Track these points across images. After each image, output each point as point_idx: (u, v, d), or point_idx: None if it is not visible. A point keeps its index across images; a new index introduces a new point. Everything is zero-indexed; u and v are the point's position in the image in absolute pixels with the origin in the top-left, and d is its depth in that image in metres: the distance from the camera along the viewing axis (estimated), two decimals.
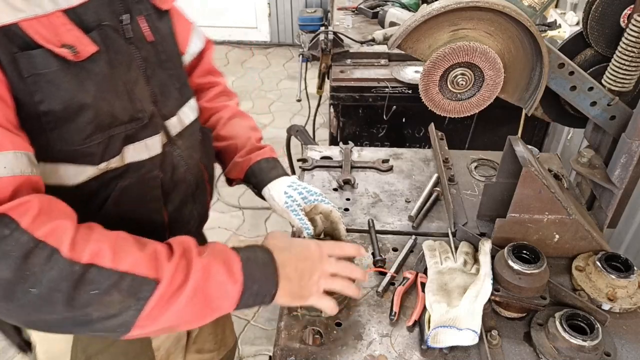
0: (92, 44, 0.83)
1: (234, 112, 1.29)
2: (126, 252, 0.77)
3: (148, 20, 0.97)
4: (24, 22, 0.76)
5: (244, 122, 1.29)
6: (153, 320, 0.78)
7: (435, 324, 0.99)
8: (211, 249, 0.87)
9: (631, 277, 1.08)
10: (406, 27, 0.95)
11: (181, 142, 1.07)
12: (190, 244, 0.85)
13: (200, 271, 0.81)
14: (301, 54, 2.41)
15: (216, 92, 1.30)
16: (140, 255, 0.78)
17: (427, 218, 1.37)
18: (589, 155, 1.20)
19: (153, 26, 0.98)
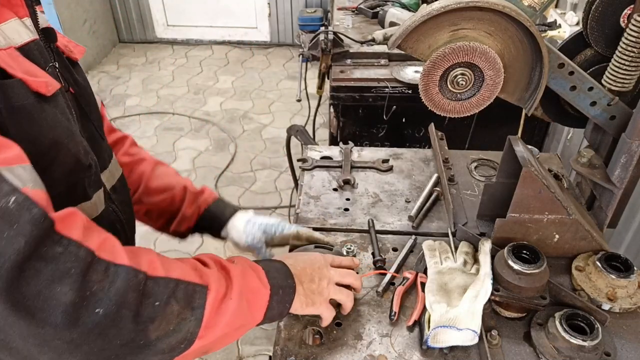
0: (55, 82, 0.79)
1: (154, 162, 1.27)
2: (170, 262, 0.76)
3: (64, 71, 0.90)
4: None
5: (169, 170, 1.27)
6: (211, 329, 0.76)
7: (435, 324, 0.99)
8: (237, 260, 0.90)
9: (631, 277, 1.08)
10: (406, 27, 0.95)
11: (115, 196, 1.01)
12: (218, 257, 0.88)
13: (240, 276, 0.84)
14: (301, 54, 2.42)
15: (128, 144, 1.25)
16: (183, 265, 0.77)
17: (427, 218, 1.37)
18: (589, 155, 1.20)
19: (71, 78, 0.93)
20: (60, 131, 0.79)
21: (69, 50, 0.96)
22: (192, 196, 1.23)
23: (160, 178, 1.23)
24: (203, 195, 1.24)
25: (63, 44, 0.96)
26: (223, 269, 0.85)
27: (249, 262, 0.92)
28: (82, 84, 0.98)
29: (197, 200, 1.23)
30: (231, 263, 0.87)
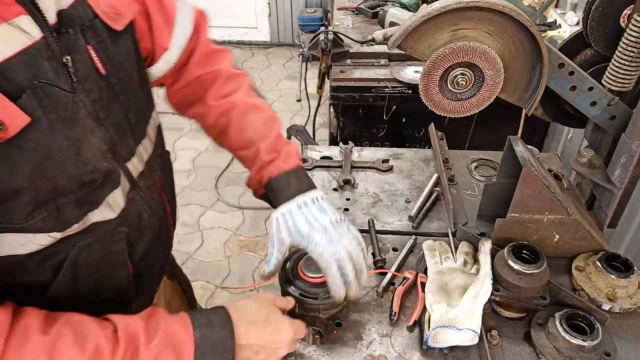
0: (23, 115, 0.68)
1: (244, 107, 1.11)
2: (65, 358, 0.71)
3: (98, 49, 0.82)
4: None
5: (255, 118, 1.10)
6: None
7: (435, 324, 0.99)
8: (163, 332, 0.79)
9: (631, 277, 1.08)
10: (406, 27, 0.95)
11: (143, 183, 0.96)
12: (138, 330, 0.78)
13: None
14: (301, 54, 2.41)
15: (221, 81, 1.11)
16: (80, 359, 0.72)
17: (427, 218, 1.37)
18: (589, 155, 1.20)
19: (105, 55, 0.84)
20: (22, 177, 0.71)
21: (112, 18, 0.86)
22: (261, 163, 1.07)
23: (244, 130, 1.09)
24: (270, 167, 1.06)
25: (104, 11, 0.85)
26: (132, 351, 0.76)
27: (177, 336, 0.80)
28: (119, 59, 0.87)
29: (264, 169, 1.07)
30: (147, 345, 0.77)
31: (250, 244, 3.09)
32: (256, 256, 2.99)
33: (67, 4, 0.78)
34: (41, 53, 0.72)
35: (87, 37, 0.81)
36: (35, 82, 0.71)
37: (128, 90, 0.90)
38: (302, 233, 0.99)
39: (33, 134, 0.71)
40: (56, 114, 0.74)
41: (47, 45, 0.73)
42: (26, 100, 0.69)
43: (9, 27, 0.68)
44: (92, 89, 0.81)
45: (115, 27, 0.86)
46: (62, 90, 0.75)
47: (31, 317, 0.73)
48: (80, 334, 0.74)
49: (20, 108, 0.68)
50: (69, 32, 0.77)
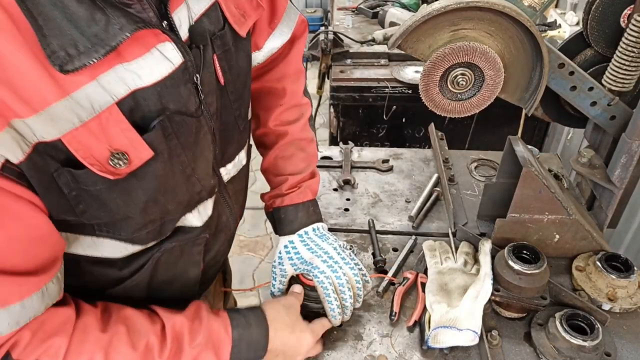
0: (148, 149, 0.69)
1: (294, 139, 1.11)
2: (119, 355, 0.75)
3: (222, 58, 0.81)
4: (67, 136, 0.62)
5: (298, 155, 1.12)
6: None
7: (435, 324, 0.99)
8: (205, 331, 0.84)
9: (631, 277, 1.08)
10: (406, 27, 0.95)
11: (231, 187, 0.98)
12: (183, 329, 0.82)
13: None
14: None
15: (286, 107, 1.11)
16: (133, 355, 0.76)
17: (427, 218, 1.37)
18: (589, 155, 1.20)
19: (227, 64, 0.83)
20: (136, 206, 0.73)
21: (238, 21, 0.83)
22: (278, 192, 1.11)
23: (282, 160, 1.12)
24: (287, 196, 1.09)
25: (233, 14, 0.82)
26: (177, 347, 0.81)
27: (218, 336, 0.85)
28: (238, 67, 0.86)
29: (277, 197, 1.11)
30: (190, 344, 0.82)
31: (250, 244, 3.09)
32: (256, 256, 2.99)
33: (199, 13, 0.75)
34: (178, 80, 0.71)
35: (214, 47, 0.79)
36: (166, 112, 0.70)
37: (241, 97, 0.90)
38: (304, 260, 1.04)
39: (153, 166, 0.71)
40: (178, 140, 0.74)
41: (185, 70, 0.72)
42: (153, 134, 0.69)
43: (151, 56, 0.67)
44: (212, 102, 0.80)
45: (240, 33, 0.84)
46: (188, 117, 0.74)
47: (90, 315, 0.77)
48: (133, 331, 0.78)
49: (147, 142, 0.69)
50: (199, 48, 0.75)
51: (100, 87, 0.63)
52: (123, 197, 0.71)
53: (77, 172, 0.65)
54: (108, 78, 0.63)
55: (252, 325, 0.90)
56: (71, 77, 0.60)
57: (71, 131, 0.62)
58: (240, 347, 0.87)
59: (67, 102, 0.61)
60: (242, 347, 0.87)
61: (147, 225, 0.79)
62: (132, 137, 0.67)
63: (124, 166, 0.67)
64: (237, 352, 0.86)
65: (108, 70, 0.63)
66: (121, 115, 0.65)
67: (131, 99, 0.66)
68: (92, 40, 0.60)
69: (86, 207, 0.70)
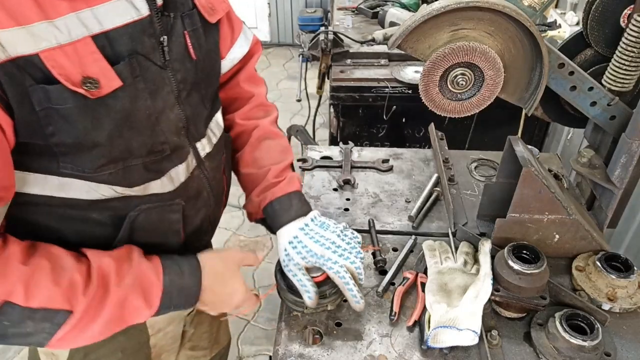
0: (117, 79, 0.77)
1: (265, 132, 1.17)
2: (41, 288, 0.77)
3: (192, 36, 0.91)
4: (45, 52, 0.70)
5: (272, 144, 1.17)
6: (65, 343, 0.82)
7: (435, 324, 0.99)
8: (134, 273, 0.86)
9: (631, 277, 1.08)
10: (406, 27, 0.95)
11: (208, 163, 1.04)
12: (110, 269, 0.84)
13: (116, 303, 0.83)
14: (301, 54, 2.41)
15: (252, 105, 1.20)
16: (55, 290, 0.78)
17: (427, 218, 1.37)
18: (589, 155, 1.20)
19: (197, 42, 0.92)
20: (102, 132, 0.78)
21: (207, 11, 0.95)
22: (266, 185, 1.11)
23: (258, 151, 1.16)
24: (276, 188, 1.10)
25: (202, 4, 0.93)
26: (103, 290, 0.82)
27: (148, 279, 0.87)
28: (207, 49, 0.96)
29: (268, 190, 1.10)
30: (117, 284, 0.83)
31: (250, 244, 3.08)
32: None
33: None
34: (144, 29, 0.81)
35: (185, 24, 0.89)
36: (134, 53, 0.79)
37: (208, 79, 0.99)
38: (316, 254, 1.02)
39: (121, 98, 0.79)
40: (144, 84, 0.82)
41: (151, 23, 0.82)
42: (122, 67, 0.78)
43: (123, 1, 0.78)
44: (180, 69, 0.89)
45: (209, 19, 0.96)
46: (154, 65, 0.83)
47: (14, 247, 0.79)
48: (57, 267, 0.80)
49: (116, 72, 0.77)
50: (170, 16, 0.86)
51: (78, 19, 0.72)
52: (91, 121, 0.77)
53: (50, 87, 0.72)
54: (85, 14, 0.73)
55: (185, 273, 0.92)
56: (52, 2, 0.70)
57: (48, 49, 0.70)
58: (171, 294, 0.88)
59: (47, 24, 0.69)
60: (173, 293, 0.89)
61: (110, 165, 0.83)
62: (103, 66, 0.75)
63: (94, 89, 0.75)
64: (168, 298, 0.88)
65: (85, 8, 0.73)
66: (94, 47, 0.74)
67: (104, 37, 0.75)
68: None
69: (55, 130, 0.75)
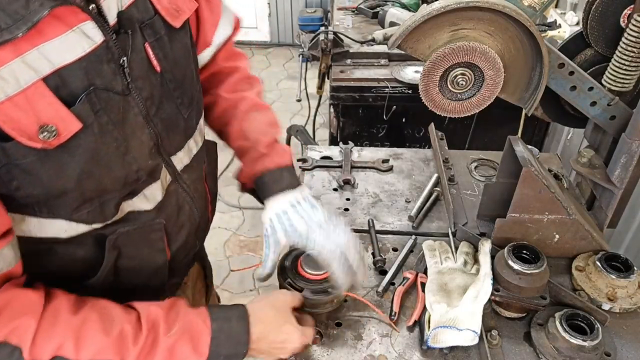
0: (76, 121, 0.71)
1: (252, 104, 1.13)
2: (91, 340, 0.76)
3: (155, 46, 0.84)
4: None
5: (260, 117, 1.13)
6: None
7: (435, 324, 0.99)
8: (182, 321, 0.83)
9: (631, 277, 1.08)
10: (406, 27, 0.95)
11: (187, 176, 0.98)
12: (158, 318, 0.82)
13: (165, 352, 0.80)
14: (301, 54, 2.42)
15: (237, 78, 1.16)
16: (105, 341, 0.76)
17: (427, 218, 1.37)
18: (589, 155, 1.20)
19: (162, 52, 0.85)
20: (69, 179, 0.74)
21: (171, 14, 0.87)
22: (257, 154, 1.08)
23: (246, 123, 1.11)
24: (266, 159, 1.07)
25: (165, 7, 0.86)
26: (153, 338, 0.80)
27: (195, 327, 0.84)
28: (175, 56, 0.88)
29: (257, 162, 1.08)
30: (166, 333, 0.81)
31: (250, 244, 3.09)
32: (256, 256, 2.99)
33: (127, 3, 0.79)
34: (101, 57, 0.74)
35: (145, 35, 0.82)
36: (91, 87, 0.72)
37: (182, 86, 0.92)
38: (299, 232, 1.00)
39: (84, 139, 0.73)
40: (107, 117, 0.76)
41: (108, 49, 0.75)
42: (80, 106, 0.71)
43: (72, 33, 0.70)
44: (144, 87, 0.82)
45: (173, 24, 0.88)
46: (115, 94, 0.77)
47: (61, 299, 0.77)
48: (107, 318, 0.78)
49: (75, 114, 0.71)
50: (128, 33, 0.79)
51: (25, 64, 0.65)
52: (55, 170, 0.72)
53: (5, 144, 0.67)
54: (32, 56, 0.66)
55: (232, 319, 0.88)
56: None
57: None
58: (219, 340, 0.84)
59: None
60: (222, 339, 0.84)
61: (85, 205, 0.79)
62: (59, 110, 0.69)
63: (53, 138, 0.69)
64: (216, 344, 0.84)
65: (31, 49, 0.66)
66: (47, 90, 0.68)
67: (57, 76, 0.69)
68: (13, 17, 0.62)
69: (19, 184, 0.71)
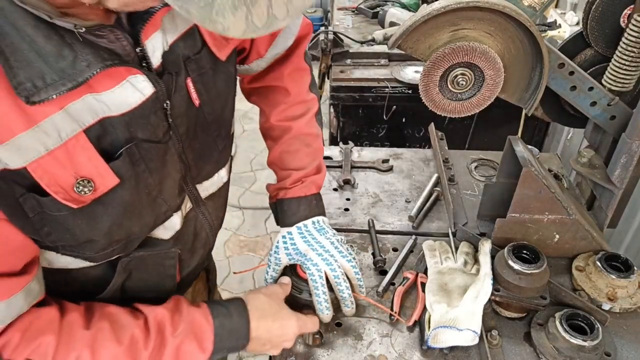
0: (114, 177, 0.70)
1: (299, 134, 1.11)
2: (105, 350, 0.78)
3: (197, 81, 0.81)
4: (33, 164, 0.63)
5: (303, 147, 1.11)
6: None
7: (435, 324, 0.99)
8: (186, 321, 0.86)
9: (631, 277, 1.08)
10: (406, 27, 0.95)
11: (211, 203, 0.99)
12: (164, 320, 0.84)
13: (173, 352, 0.83)
14: None
15: (289, 104, 1.11)
16: (118, 350, 0.79)
17: (427, 218, 1.37)
18: (589, 155, 1.20)
19: (204, 87, 0.82)
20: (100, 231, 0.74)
21: (219, 45, 0.83)
22: (283, 185, 1.10)
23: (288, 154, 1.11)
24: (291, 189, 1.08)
25: (214, 38, 0.82)
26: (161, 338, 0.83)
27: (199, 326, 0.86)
28: (216, 90, 0.86)
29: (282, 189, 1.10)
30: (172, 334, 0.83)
31: (251, 244, 3.08)
32: (256, 256, 2.99)
33: (174, 37, 0.76)
34: (148, 109, 0.73)
35: (189, 70, 0.79)
36: (133, 141, 0.71)
37: (220, 118, 0.90)
38: (300, 251, 1.04)
39: (119, 193, 0.73)
40: (145, 165, 0.75)
41: (156, 99, 0.73)
42: (120, 162, 0.71)
43: (121, 88, 0.68)
44: (182, 123, 0.80)
45: (220, 56, 0.84)
46: (156, 144, 0.76)
47: (74, 313, 0.80)
48: (117, 326, 0.81)
49: (113, 170, 0.70)
50: (172, 74, 0.76)
51: (68, 115, 0.64)
52: (88, 223, 0.72)
53: (41, 199, 0.66)
54: (76, 107, 0.64)
55: (233, 314, 0.91)
56: (38, 107, 0.61)
57: (37, 160, 0.63)
58: (222, 336, 0.88)
59: (33, 131, 0.62)
60: (224, 335, 0.88)
61: (112, 245, 0.79)
62: (98, 165, 0.68)
63: (89, 193, 0.69)
64: (220, 340, 0.87)
65: (77, 100, 0.64)
66: (88, 143, 0.67)
67: (99, 127, 0.67)
68: (59, 74, 0.61)
69: (51, 230, 0.71)
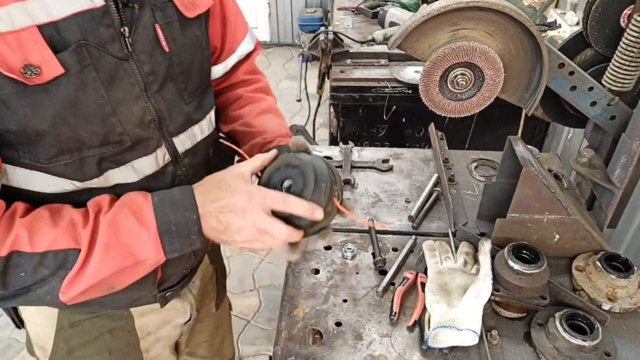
0: (59, 66, 0.76)
1: (270, 106, 1.21)
2: (42, 232, 0.80)
3: (165, 29, 0.90)
4: None
5: (277, 119, 1.18)
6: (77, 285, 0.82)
7: (435, 324, 0.99)
8: (121, 200, 0.86)
9: (631, 277, 1.08)
10: (406, 27, 0.95)
11: (187, 160, 1.02)
12: (102, 201, 0.86)
13: (107, 226, 0.82)
14: (301, 54, 2.42)
15: (257, 86, 1.24)
16: (55, 231, 0.81)
17: (427, 218, 1.37)
18: (589, 155, 1.20)
19: (171, 36, 0.91)
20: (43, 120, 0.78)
21: (186, 6, 0.93)
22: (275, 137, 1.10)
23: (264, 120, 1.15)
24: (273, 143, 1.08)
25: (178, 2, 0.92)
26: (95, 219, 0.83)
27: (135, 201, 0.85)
28: (184, 43, 0.94)
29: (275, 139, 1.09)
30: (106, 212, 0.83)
31: None
32: (256, 256, 2.99)
33: None
34: (98, 19, 0.79)
35: (156, 16, 0.88)
36: (83, 42, 0.78)
37: (188, 72, 0.97)
38: None
39: (64, 85, 0.78)
40: (96, 73, 0.81)
41: (107, 14, 0.80)
42: (66, 54, 0.77)
43: None
44: (147, 61, 0.87)
45: (186, 14, 0.94)
46: (109, 55, 0.82)
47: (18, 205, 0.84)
48: (56, 213, 0.84)
49: (60, 60, 0.76)
50: (134, 7, 0.85)
51: (24, 10, 0.72)
52: (30, 107, 0.77)
53: None
54: (32, 5, 0.73)
55: (174, 191, 0.87)
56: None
57: None
58: (163, 209, 0.84)
59: None
60: (165, 207, 0.84)
61: (64, 154, 0.83)
62: (46, 54, 0.75)
63: (34, 77, 0.75)
64: (161, 214, 0.83)
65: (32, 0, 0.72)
66: (39, 36, 0.74)
67: (52, 27, 0.75)
68: None
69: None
